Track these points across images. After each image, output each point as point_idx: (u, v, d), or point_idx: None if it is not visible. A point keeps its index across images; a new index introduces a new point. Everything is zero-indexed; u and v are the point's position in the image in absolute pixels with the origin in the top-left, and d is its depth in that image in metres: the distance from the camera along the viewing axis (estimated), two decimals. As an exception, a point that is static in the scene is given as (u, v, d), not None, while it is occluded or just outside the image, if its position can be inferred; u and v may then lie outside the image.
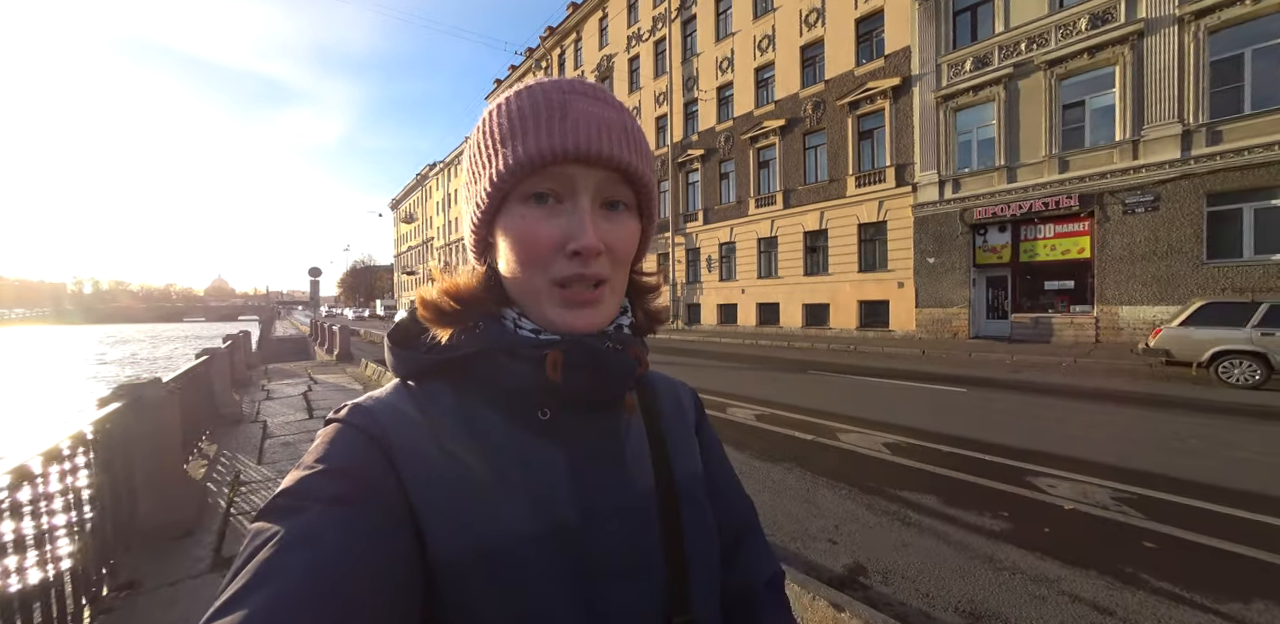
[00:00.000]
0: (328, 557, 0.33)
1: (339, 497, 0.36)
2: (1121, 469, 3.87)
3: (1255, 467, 3.91)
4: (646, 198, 0.47)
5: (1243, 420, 5.34)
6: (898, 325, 15.12)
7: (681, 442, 0.54)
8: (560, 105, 0.42)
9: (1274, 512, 3.08)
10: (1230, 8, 9.66)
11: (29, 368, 21.65)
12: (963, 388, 7.47)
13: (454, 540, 0.39)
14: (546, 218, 0.42)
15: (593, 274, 0.42)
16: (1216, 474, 3.74)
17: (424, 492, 0.39)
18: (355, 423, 0.41)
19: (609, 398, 0.47)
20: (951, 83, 13.55)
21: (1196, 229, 10.26)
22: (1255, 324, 6.90)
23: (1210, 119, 9.99)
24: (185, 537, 2.65)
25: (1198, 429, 4.99)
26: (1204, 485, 3.53)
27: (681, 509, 0.48)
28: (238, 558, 0.34)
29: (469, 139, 0.47)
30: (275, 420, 5.51)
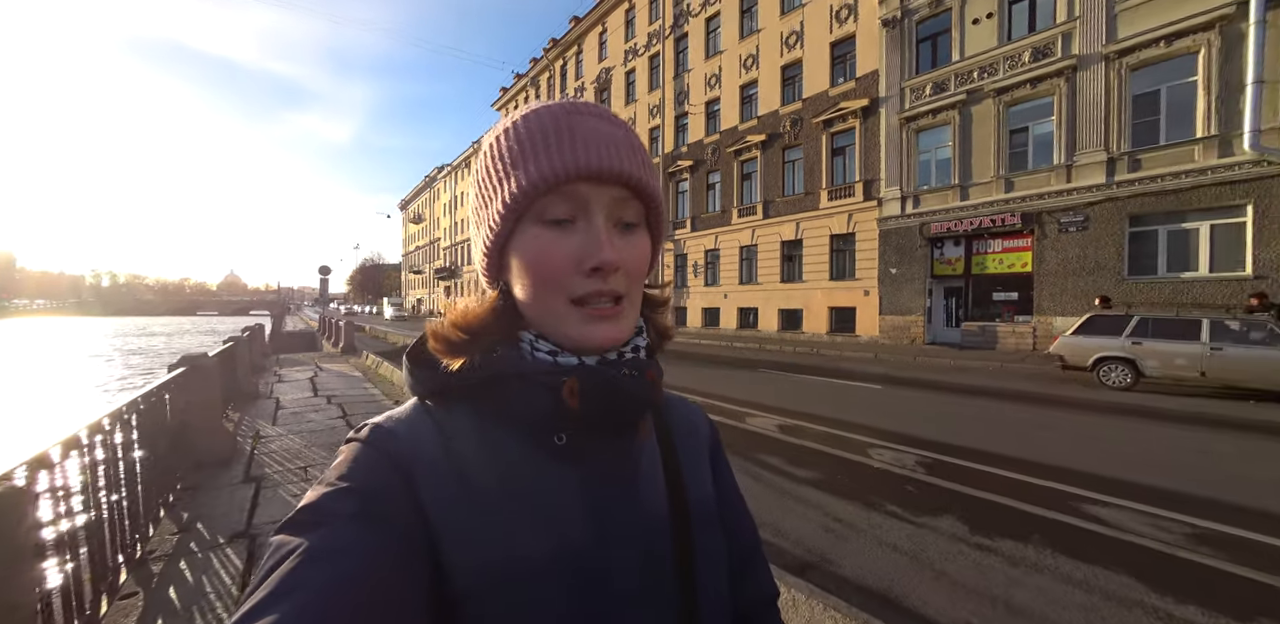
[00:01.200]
0: (349, 571, 0.34)
1: (359, 513, 0.37)
2: (941, 443, 4.98)
3: (1062, 447, 5.01)
4: (656, 213, 0.48)
5: (1095, 414, 6.42)
6: (863, 331, 16.18)
7: (695, 466, 0.54)
8: (568, 126, 0.43)
9: (1042, 475, 4.20)
10: (1148, 49, 10.68)
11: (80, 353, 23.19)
12: (880, 385, 8.57)
13: (468, 560, 0.39)
14: (562, 237, 0.43)
15: (610, 290, 0.43)
16: (1029, 451, 4.84)
17: (440, 512, 0.40)
18: (374, 443, 0.42)
19: (625, 422, 0.47)
20: (913, 106, 14.62)
21: (1119, 248, 11.27)
22: (1128, 334, 7.95)
23: (1131, 147, 11.00)
24: (224, 465, 3.85)
25: (1052, 420, 6.08)
26: (1003, 457, 4.64)
27: (694, 534, 0.48)
28: (259, 569, 0.35)
29: (476, 164, 0.48)
30: (286, 397, 6.73)
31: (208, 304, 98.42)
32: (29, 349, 26.56)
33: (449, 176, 52.00)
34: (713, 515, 0.53)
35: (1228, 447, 4.94)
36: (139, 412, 2.49)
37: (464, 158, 47.58)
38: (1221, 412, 6.44)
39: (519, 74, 36.87)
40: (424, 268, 60.66)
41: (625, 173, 0.43)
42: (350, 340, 14.57)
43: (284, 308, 35.20)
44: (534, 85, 35.70)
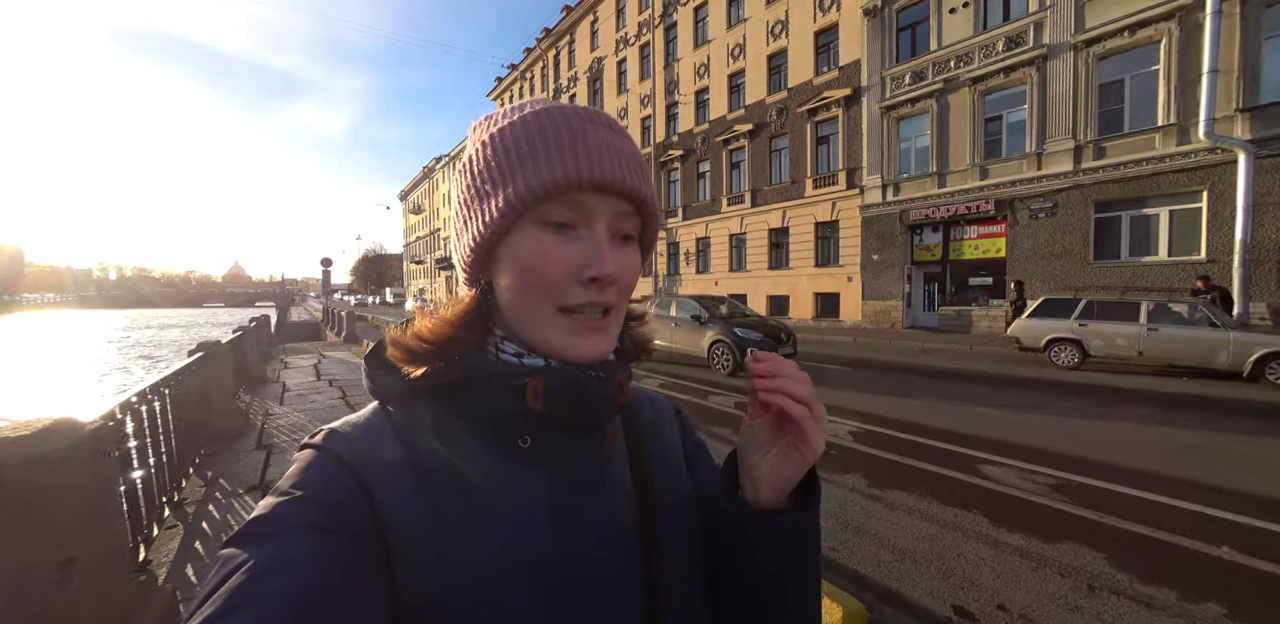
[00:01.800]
0: (300, 584, 0.33)
1: (313, 524, 0.36)
2: (876, 416, 5.57)
3: (983, 419, 5.60)
4: (651, 229, 0.48)
5: (1031, 391, 6.99)
6: (846, 316, 16.71)
7: (666, 465, 0.53)
8: (582, 133, 0.42)
9: (953, 441, 4.80)
10: (1113, 38, 10.98)
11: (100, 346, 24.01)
12: (849, 368, 9.14)
13: (428, 569, 0.38)
14: (563, 243, 0.42)
15: (604, 302, 0.43)
16: (952, 422, 5.43)
17: (398, 520, 0.39)
18: (330, 449, 0.41)
19: (591, 426, 0.46)
20: (893, 95, 14.92)
21: (1085, 233, 11.71)
22: (1075, 316, 8.47)
23: (1098, 136, 11.37)
24: (239, 437, 4.48)
25: (988, 396, 6.66)
26: (926, 427, 5.24)
27: (660, 541, 0.47)
28: (207, 582, 0.33)
29: (471, 154, 0.46)
30: (291, 381, 7.37)
31: (214, 296, 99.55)
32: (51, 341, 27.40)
33: (447, 167, 52.26)
34: (686, 519, 0.51)
35: (1128, 416, 5.51)
36: (170, 386, 3.08)
37: (460, 148, 47.69)
38: (1147, 386, 6.99)
39: (513, 65, 36.90)
40: (425, 258, 61.24)
41: (633, 187, 0.43)
42: (352, 329, 15.22)
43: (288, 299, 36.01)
44: (524, 78, 35.79)
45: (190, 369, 3.69)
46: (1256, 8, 9.37)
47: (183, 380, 3.41)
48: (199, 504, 3.05)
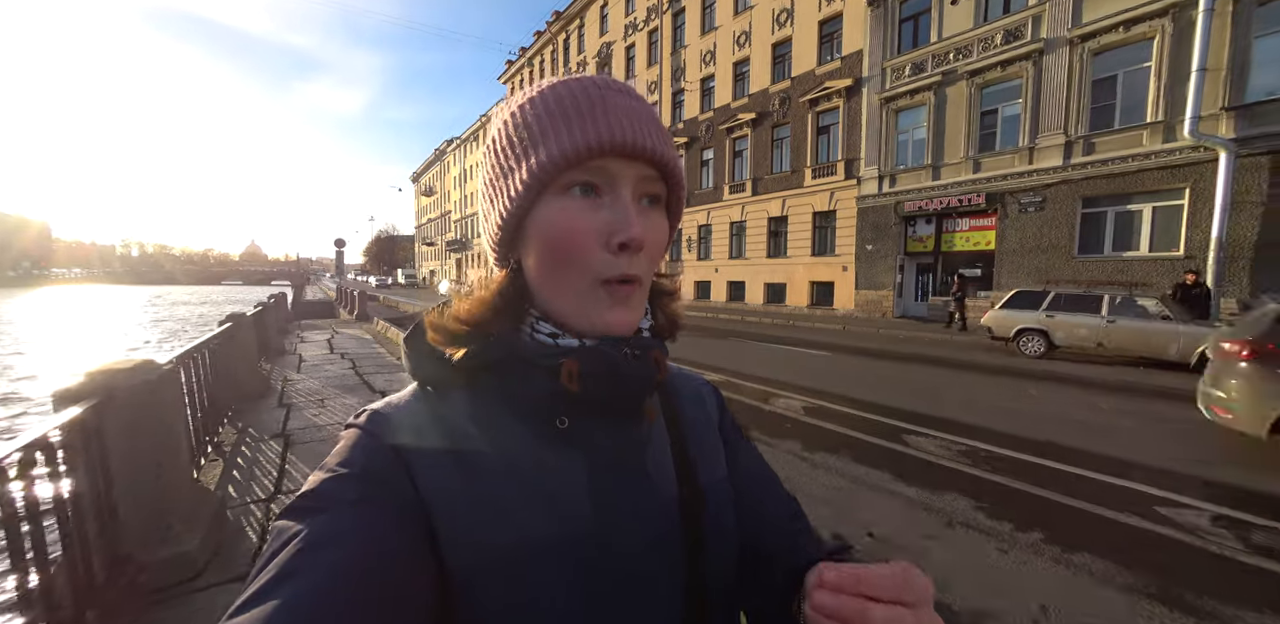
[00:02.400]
0: (349, 556, 0.34)
1: (359, 498, 0.38)
2: (835, 394, 6.13)
3: (933, 399, 6.14)
4: (677, 194, 0.47)
5: (990, 376, 7.49)
6: (840, 305, 17.14)
7: (706, 446, 0.53)
8: (600, 99, 0.42)
9: (892, 416, 5.36)
10: (1108, 34, 11.08)
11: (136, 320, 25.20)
12: (828, 353, 9.66)
13: (467, 546, 0.39)
14: (589, 210, 0.42)
15: (634, 273, 0.43)
16: (903, 401, 5.98)
17: (438, 497, 0.40)
18: (373, 430, 0.43)
19: (628, 406, 0.46)
20: (893, 86, 15.06)
21: (1071, 228, 11.98)
22: (1044, 308, 8.88)
23: (1088, 131, 11.55)
24: (262, 397, 5.16)
25: (948, 381, 7.17)
26: (874, 404, 5.79)
27: (705, 520, 0.47)
28: (262, 555, 0.35)
29: (493, 135, 0.46)
30: (307, 354, 8.09)
31: (231, 274, 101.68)
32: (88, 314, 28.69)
33: (458, 149, 52.54)
34: (726, 499, 0.51)
35: (1059, 398, 6.02)
36: (209, 349, 3.73)
37: (472, 131, 48.00)
38: (1103, 376, 7.44)
39: (524, 48, 36.90)
40: (436, 240, 62.03)
41: (656, 151, 0.42)
42: (364, 308, 15.99)
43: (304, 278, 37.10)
44: (530, 65, 35.79)
45: (222, 336, 4.34)
46: (1248, 6, 9.47)
47: (217, 345, 4.06)
48: (233, 446, 3.72)
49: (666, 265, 0.56)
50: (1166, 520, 3.03)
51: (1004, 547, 2.76)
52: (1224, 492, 3.43)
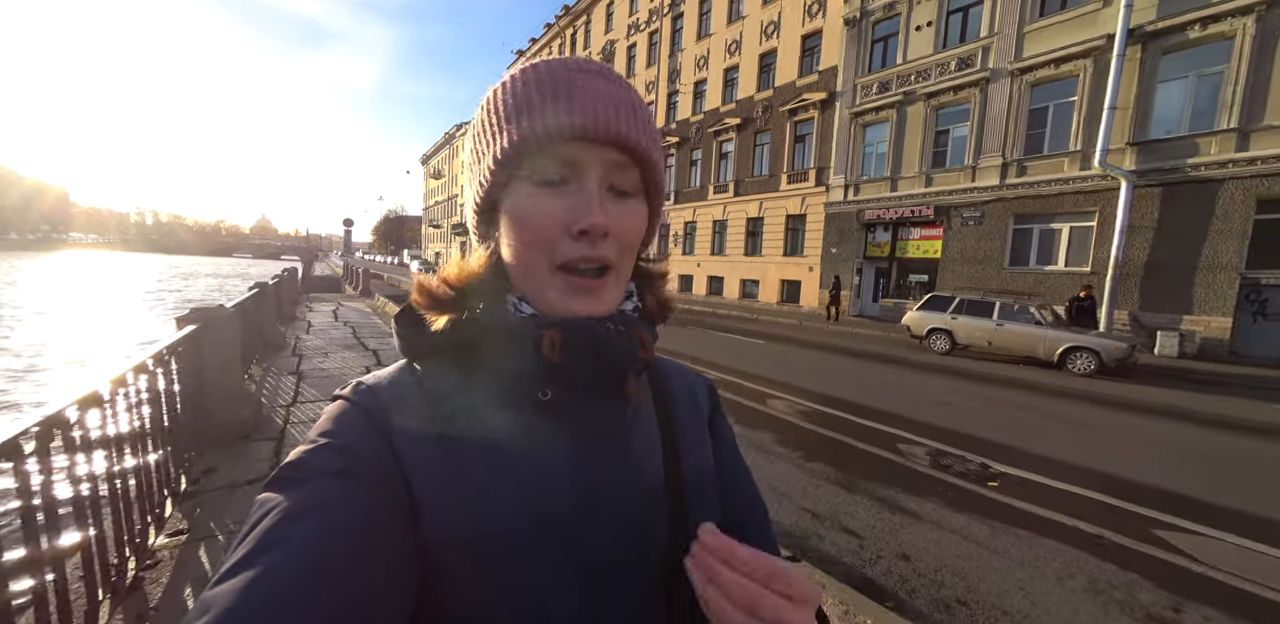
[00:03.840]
0: (329, 527, 0.35)
1: (340, 471, 0.38)
2: (749, 373, 7.58)
3: (833, 381, 7.60)
4: (654, 181, 0.46)
5: (892, 366, 8.92)
6: (806, 303, 18.52)
7: (693, 435, 0.53)
8: (566, 82, 0.42)
9: (793, 393, 6.82)
10: (1043, 69, 12.29)
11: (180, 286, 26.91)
12: (765, 342, 11.09)
13: (451, 521, 0.39)
14: (553, 198, 0.42)
15: (599, 256, 0.42)
16: (807, 382, 7.43)
17: (419, 471, 0.40)
18: (357, 401, 0.43)
19: (610, 380, 0.46)
20: (862, 102, 16.27)
21: (1003, 242, 13.29)
22: (950, 311, 10.27)
23: (1022, 155, 12.81)
24: (279, 349, 6.67)
25: (851, 368, 8.61)
26: (785, 384, 7.25)
27: (689, 504, 0.47)
28: (245, 524, 0.36)
29: (475, 114, 0.46)
30: (315, 321, 9.60)
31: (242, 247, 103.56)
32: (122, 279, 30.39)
33: (466, 135, 53.67)
34: (709, 485, 0.51)
35: (940, 384, 7.45)
36: (243, 307, 5.21)
37: (482, 117, 49.10)
38: (973, 368, 8.86)
39: (534, 39, 37.93)
40: (442, 222, 63.45)
41: (623, 136, 0.42)
42: (367, 285, 17.50)
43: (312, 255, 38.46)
44: (538, 57, 36.79)
45: (254, 297, 5.83)
46: (1154, 55, 10.68)
47: (248, 305, 5.55)
48: (262, 377, 5.21)
49: (668, 265, 0.56)
50: (896, 451, 4.47)
51: (784, 463, 4.20)
52: (952, 437, 4.87)
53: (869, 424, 5.23)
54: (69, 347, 10.52)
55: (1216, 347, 9.93)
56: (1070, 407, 6.39)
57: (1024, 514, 3.36)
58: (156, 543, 2.19)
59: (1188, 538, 3.12)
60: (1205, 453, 4.83)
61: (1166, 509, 3.49)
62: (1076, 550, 2.92)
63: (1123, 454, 4.64)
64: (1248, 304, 9.75)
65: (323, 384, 5.08)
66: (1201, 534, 3.17)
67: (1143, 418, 6.03)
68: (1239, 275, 9.75)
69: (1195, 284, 10.23)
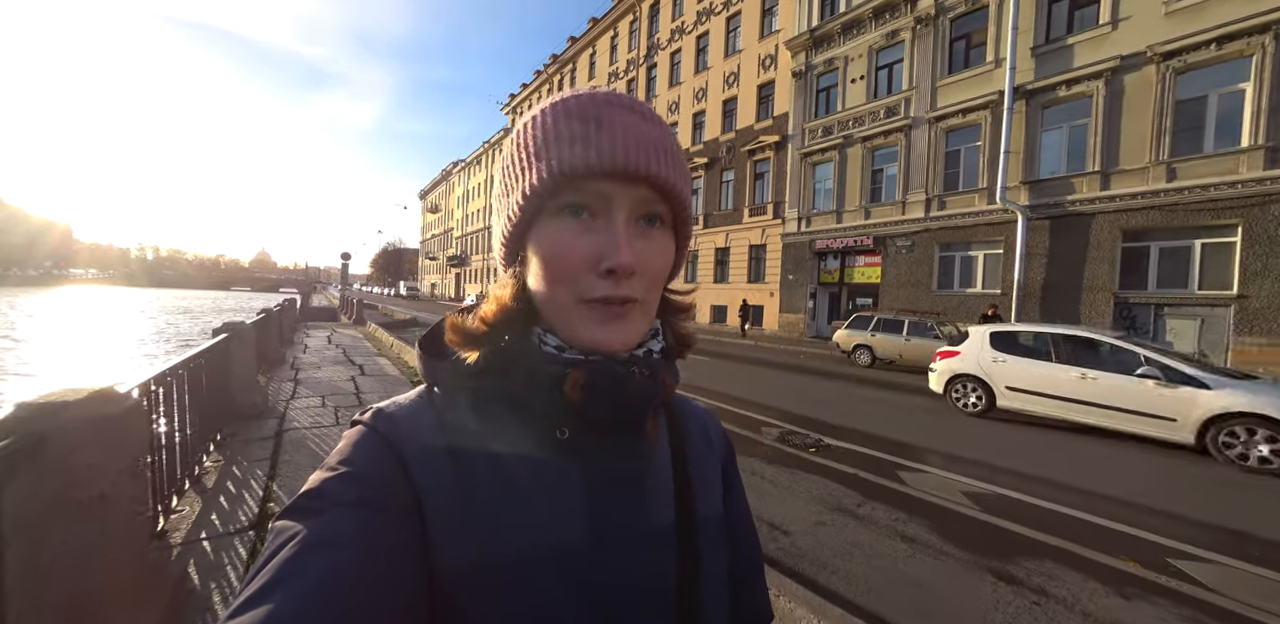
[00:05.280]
0: (347, 558, 0.35)
1: (358, 500, 0.38)
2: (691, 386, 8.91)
3: (771, 393, 8.93)
4: (683, 215, 0.47)
5: (819, 378, 10.26)
6: (768, 325, 19.95)
7: (706, 479, 0.53)
8: (595, 118, 0.42)
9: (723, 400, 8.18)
10: (953, 117, 14.16)
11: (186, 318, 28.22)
12: (712, 359, 12.42)
13: (461, 552, 0.39)
14: (580, 233, 0.42)
15: (623, 296, 0.42)
16: (738, 390, 8.76)
17: (435, 501, 0.40)
18: (376, 428, 0.43)
19: (629, 422, 0.46)
20: (810, 144, 18.18)
21: (931, 268, 14.85)
22: (871, 329, 11.68)
23: (942, 191, 14.53)
24: (279, 363, 8.01)
25: (782, 379, 9.94)
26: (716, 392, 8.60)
27: (701, 551, 0.47)
28: (261, 554, 0.36)
29: (506, 147, 0.47)
30: (311, 344, 10.95)
31: (240, 280, 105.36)
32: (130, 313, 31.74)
33: (463, 171, 56.35)
34: (721, 532, 0.52)
35: (837, 388, 8.77)
36: (264, 322, 6.59)
37: (476, 155, 51.77)
38: (890, 378, 10.19)
39: (525, 84, 40.79)
40: (438, 255, 65.45)
41: (653, 174, 0.42)
42: (360, 314, 18.89)
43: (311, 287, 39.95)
44: (529, 100, 39.57)
45: (260, 320, 7.21)
46: (1036, 108, 12.53)
47: (260, 324, 6.94)
48: (267, 382, 6.54)
49: (694, 299, 0.56)
50: (757, 431, 5.78)
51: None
52: (811, 423, 6.18)
53: (747, 414, 6.56)
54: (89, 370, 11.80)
55: (1103, 357, 11.30)
56: (929, 402, 7.71)
57: (820, 466, 4.67)
58: (206, 464, 3.51)
59: (912, 474, 4.44)
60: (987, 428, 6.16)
61: (911, 458, 4.83)
62: (837, 484, 4.22)
63: (941, 434, 5.95)
64: (1121, 320, 11.19)
65: (315, 387, 6.41)
66: (918, 470, 4.49)
67: (988, 411, 7.36)
68: (1112, 295, 11.24)
69: (1081, 303, 11.71)
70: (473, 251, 52.05)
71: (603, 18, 30.48)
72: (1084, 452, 5.42)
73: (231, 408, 4.51)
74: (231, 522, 2.72)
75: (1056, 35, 12.27)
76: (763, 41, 20.20)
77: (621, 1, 28.35)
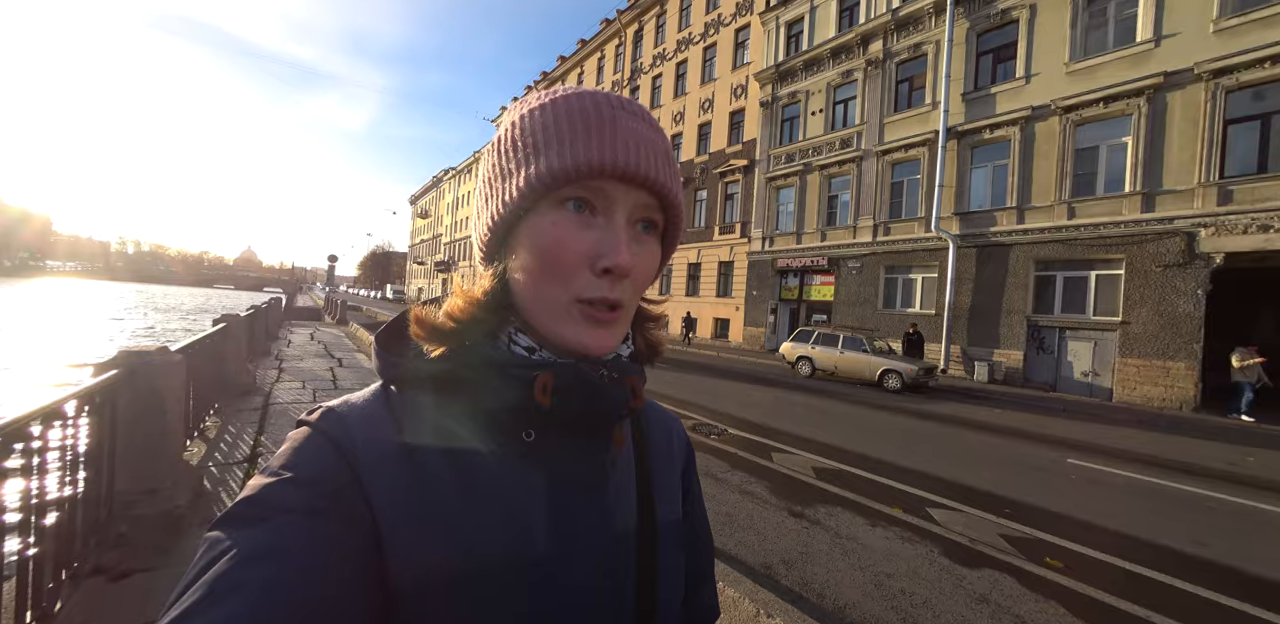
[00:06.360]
0: (287, 573, 0.32)
1: (300, 507, 0.36)
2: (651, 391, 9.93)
3: (705, 395, 9.97)
4: (675, 225, 0.47)
5: (763, 386, 11.34)
6: (733, 338, 21.09)
7: (667, 484, 0.54)
8: (610, 119, 0.42)
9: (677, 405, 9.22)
10: (898, 152, 15.58)
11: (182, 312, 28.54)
12: (667, 366, 13.46)
13: (417, 561, 0.37)
14: (580, 229, 0.41)
15: (615, 299, 0.42)
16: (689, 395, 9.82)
17: (390, 508, 0.38)
18: (325, 429, 0.41)
19: (598, 427, 0.45)
20: (774, 169, 19.55)
21: (877, 288, 16.13)
22: (812, 342, 12.84)
23: (887, 219, 15.89)
24: (265, 355, 8.90)
25: (731, 388, 11.00)
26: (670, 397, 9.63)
27: (660, 556, 0.48)
28: (191, 566, 0.33)
29: (500, 133, 0.45)
30: (295, 340, 11.81)
31: (224, 278, 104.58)
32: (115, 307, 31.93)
33: (453, 179, 57.38)
34: (678, 537, 0.52)
35: (768, 393, 9.85)
36: (252, 316, 7.50)
37: (467, 164, 52.89)
38: (823, 387, 11.31)
39: (515, 98, 42.01)
40: (426, 260, 66.05)
41: (657, 180, 0.42)
42: (344, 315, 19.69)
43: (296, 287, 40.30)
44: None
45: (251, 315, 8.12)
46: (966, 148, 13.96)
47: (253, 317, 7.85)
48: (254, 370, 7.44)
49: (665, 308, 0.56)
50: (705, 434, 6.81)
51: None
52: (725, 418, 7.23)
53: (680, 411, 7.60)
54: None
55: (1015, 374, 12.58)
56: (838, 405, 8.82)
57: (713, 447, 5.71)
58: (206, 423, 4.46)
59: (781, 455, 5.50)
60: (881, 426, 7.27)
61: (790, 445, 5.90)
62: (716, 459, 5.26)
63: (834, 429, 7.05)
64: (1032, 341, 12.50)
65: (297, 374, 7.34)
66: (789, 452, 5.56)
67: (882, 413, 8.48)
68: (1025, 318, 12.55)
69: (1000, 324, 13.01)
70: (460, 258, 52.86)
71: (591, 39, 32.01)
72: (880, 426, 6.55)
73: (225, 386, 5.44)
74: (230, 457, 3.69)
75: (983, 84, 13.76)
76: (735, 72, 21.69)
77: (609, 26, 29.93)
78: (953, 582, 2.97)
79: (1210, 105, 10.03)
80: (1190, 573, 3.23)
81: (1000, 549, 3.44)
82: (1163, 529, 3.96)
